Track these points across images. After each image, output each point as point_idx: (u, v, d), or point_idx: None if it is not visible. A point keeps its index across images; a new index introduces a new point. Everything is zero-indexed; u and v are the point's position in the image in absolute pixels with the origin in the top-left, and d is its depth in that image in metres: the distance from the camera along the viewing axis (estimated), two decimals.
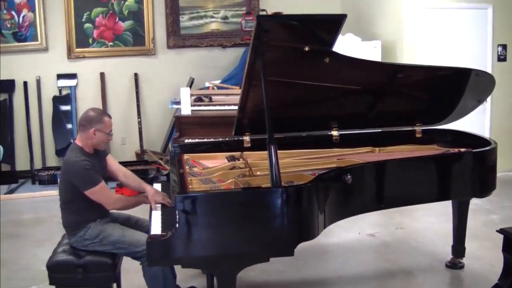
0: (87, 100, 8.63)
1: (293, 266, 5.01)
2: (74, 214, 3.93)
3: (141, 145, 8.68)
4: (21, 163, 8.55)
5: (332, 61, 3.92)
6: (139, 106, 8.75)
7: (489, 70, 7.71)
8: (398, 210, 6.38)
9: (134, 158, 8.70)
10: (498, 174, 7.69)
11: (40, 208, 7.13)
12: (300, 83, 4.25)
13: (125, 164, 8.09)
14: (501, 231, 2.72)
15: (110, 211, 4.11)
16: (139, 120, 8.72)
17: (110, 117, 4.05)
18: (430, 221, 6.09)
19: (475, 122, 7.68)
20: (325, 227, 3.54)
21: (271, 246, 3.27)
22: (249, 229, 3.22)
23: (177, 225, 3.16)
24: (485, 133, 7.85)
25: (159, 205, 3.94)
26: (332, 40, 3.69)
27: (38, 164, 8.53)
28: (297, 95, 4.42)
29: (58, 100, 8.55)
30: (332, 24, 3.59)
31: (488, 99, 7.68)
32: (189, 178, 3.93)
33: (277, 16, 4.79)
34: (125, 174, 4.31)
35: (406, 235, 5.74)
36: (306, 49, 3.72)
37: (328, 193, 3.52)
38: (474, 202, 6.43)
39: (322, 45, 3.77)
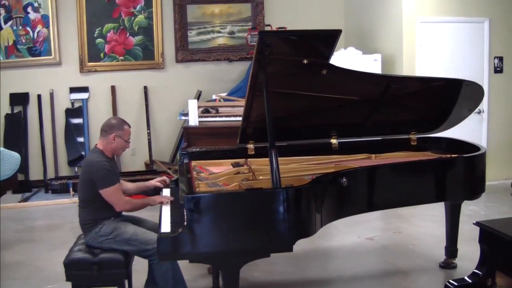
0: (98, 112, 8.96)
1: (295, 267, 5.27)
2: (92, 212, 4.24)
3: (150, 156, 8.96)
4: (35, 173, 8.87)
5: (329, 72, 4.18)
6: (148, 118, 9.06)
7: (486, 82, 8.02)
8: (396, 215, 6.67)
9: (143, 168, 9.00)
10: (495, 182, 8.02)
11: (53, 215, 7.41)
12: (301, 94, 4.52)
13: (134, 174, 8.49)
14: (477, 223, 2.97)
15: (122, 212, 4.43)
16: (148, 131, 9.01)
17: (129, 126, 4.43)
18: (426, 225, 6.34)
19: (473, 132, 7.94)
20: (322, 226, 3.78)
21: (271, 242, 3.54)
22: (251, 227, 3.49)
23: (185, 223, 3.46)
24: (482, 143, 8.08)
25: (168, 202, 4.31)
26: (329, 53, 3.96)
27: (51, 174, 8.84)
28: (299, 105, 4.69)
29: (71, 112, 8.88)
30: (328, 39, 3.86)
31: (485, 109, 7.98)
32: (196, 182, 4.20)
33: (278, 31, 5.06)
34: (123, 183, 4.67)
35: (403, 238, 5.99)
36: (305, 61, 3.99)
37: (325, 194, 3.79)
38: (471, 208, 6.71)
39: (319, 58, 4.05)
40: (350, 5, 9.48)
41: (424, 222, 6.50)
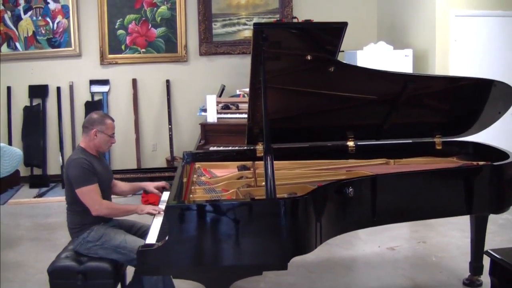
0: (119, 105, 8.75)
1: (305, 279, 4.91)
2: (79, 215, 3.99)
3: (171, 152, 8.67)
4: (53, 167, 8.69)
5: (337, 70, 3.82)
6: (170, 112, 8.76)
7: None
8: (422, 223, 6.22)
9: (164, 165, 8.71)
10: None
11: (65, 213, 7.16)
12: (309, 91, 4.17)
13: (155, 170, 8.25)
14: (487, 253, 2.54)
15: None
16: (170, 126, 8.71)
17: (112, 120, 4.14)
18: (454, 235, 5.87)
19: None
20: (322, 242, 3.39)
21: (262, 259, 3.18)
22: (240, 242, 3.14)
23: (167, 236, 3.13)
24: None
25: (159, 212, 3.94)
26: (335, 49, 3.58)
27: None
28: (308, 104, 4.35)
29: (91, 105, 8.60)
30: (333, 32, 3.49)
31: None
32: (193, 187, 3.89)
33: (275, 23, 4.70)
34: (115, 184, 4.40)
35: (427, 249, 5.55)
36: (309, 57, 3.63)
37: (326, 206, 3.41)
38: (504, 217, 6.25)
39: (324, 54, 3.67)
40: None
41: (450, 231, 6.02)
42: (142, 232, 4.12)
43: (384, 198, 3.72)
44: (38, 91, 8.58)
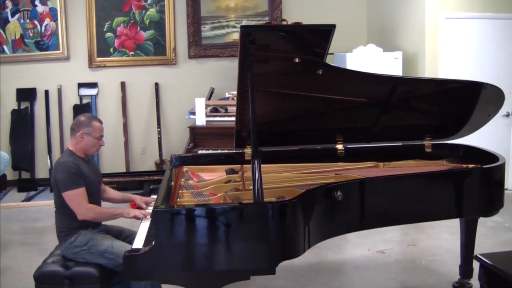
0: (107, 109, 8.69)
1: (296, 282, 4.89)
2: (67, 219, 3.94)
3: (160, 155, 8.63)
4: (41, 171, 8.62)
5: (326, 72, 3.78)
6: (159, 116, 8.71)
7: None
8: (413, 226, 6.17)
9: (153, 168, 8.65)
10: None
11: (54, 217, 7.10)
12: (297, 94, 4.14)
13: (143, 174, 8.18)
14: (476, 257, 2.51)
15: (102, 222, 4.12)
16: (158, 129, 8.67)
17: (101, 122, 4.10)
18: (444, 238, 5.85)
19: (500, 137, 7.49)
20: (310, 246, 3.36)
21: (250, 263, 3.13)
22: (227, 247, 3.10)
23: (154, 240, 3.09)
24: (511, 149, 7.61)
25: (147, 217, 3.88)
26: (323, 51, 3.55)
27: None
28: (297, 107, 4.31)
29: (79, 108, 8.52)
30: (321, 35, 3.45)
31: None
32: (181, 191, 3.85)
33: (263, 26, 4.66)
34: (105, 190, 4.37)
35: (417, 252, 5.53)
36: (297, 60, 3.60)
37: (316, 210, 3.38)
38: (494, 219, 6.23)
39: (312, 56, 3.64)
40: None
41: (441, 233, 6.00)
42: (130, 239, 4.06)
43: (373, 202, 3.70)
44: (26, 95, 8.51)
